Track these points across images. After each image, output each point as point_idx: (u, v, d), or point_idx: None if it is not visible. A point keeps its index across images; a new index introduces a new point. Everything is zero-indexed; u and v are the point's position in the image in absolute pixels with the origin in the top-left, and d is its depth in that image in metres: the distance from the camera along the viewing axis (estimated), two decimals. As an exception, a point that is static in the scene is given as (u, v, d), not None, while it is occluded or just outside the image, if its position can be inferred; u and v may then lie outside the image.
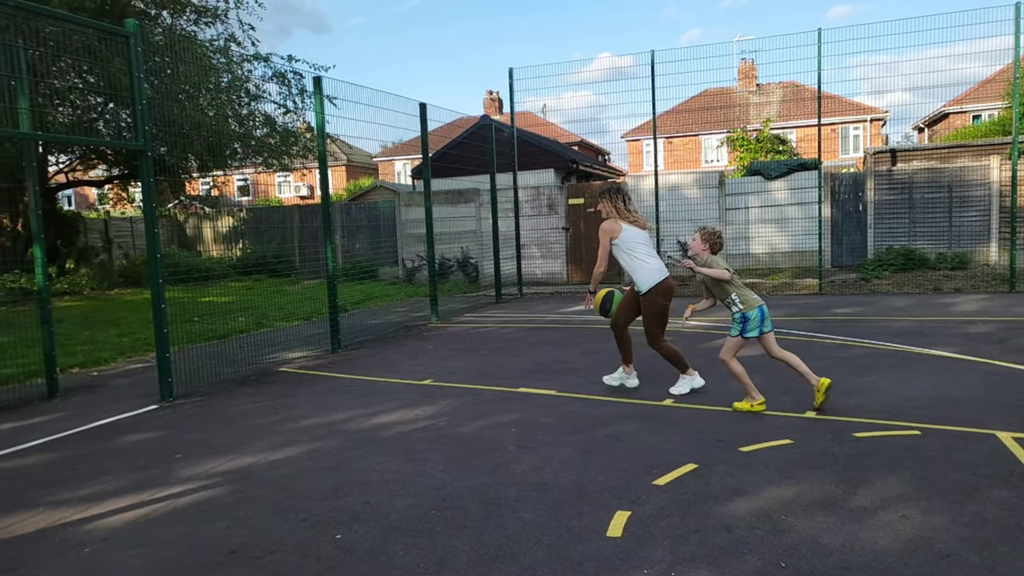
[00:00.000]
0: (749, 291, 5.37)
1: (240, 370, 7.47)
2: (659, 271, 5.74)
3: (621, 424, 5.06)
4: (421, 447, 4.71)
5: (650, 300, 5.74)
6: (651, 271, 5.71)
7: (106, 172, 19.37)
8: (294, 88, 16.04)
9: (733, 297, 5.30)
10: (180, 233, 22.34)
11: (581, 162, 17.85)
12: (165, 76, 13.21)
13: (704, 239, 5.43)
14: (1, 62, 6.55)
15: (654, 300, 5.72)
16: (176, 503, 3.90)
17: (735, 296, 5.30)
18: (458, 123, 18.27)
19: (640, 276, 5.74)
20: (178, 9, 15.58)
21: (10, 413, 6.13)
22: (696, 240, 5.46)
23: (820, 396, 5.13)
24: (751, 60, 31.35)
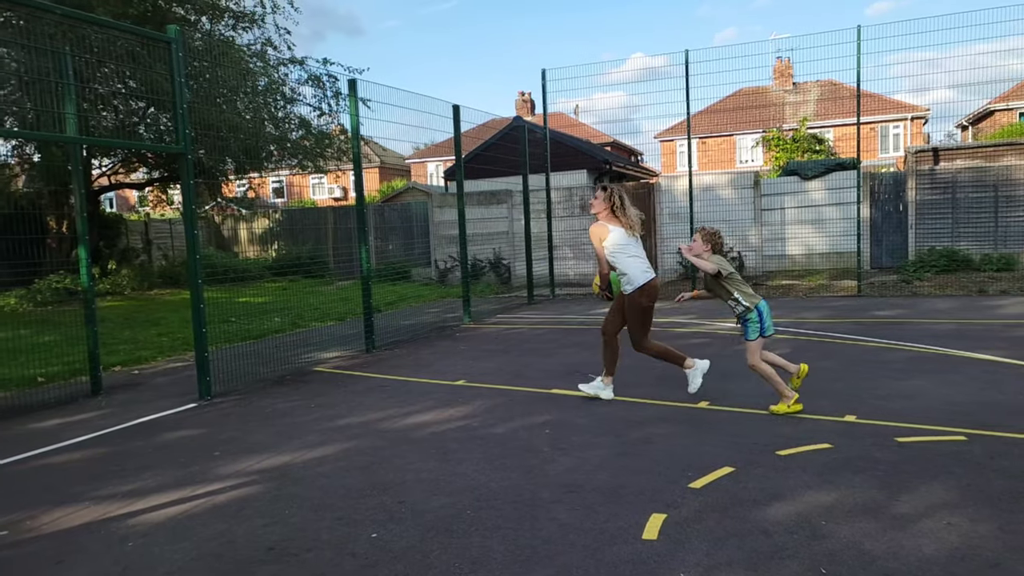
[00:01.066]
0: (750, 288, 5.37)
1: (276, 369, 7.57)
2: (644, 272, 5.66)
3: (654, 426, 5.02)
4: (455, 447, 4.72)
5: (633, 300, 5.69)
6: (636, 272, 5.64)
7: (146, 175, 19.79)
8: (328, 91, 16.23)
9: (736, 296, 5.29)
10: (217, 235, 22.75)
11: (614, 163, 17.77)
12: (204, 80, 13.47)
13: (705, 239, 5.41)
14: (49, 68, 6.75)
15: (637, 300, 5.67)
16: (215, 500, 3.96)
17: (737, 295, 5.29)
18: (490, 124, 18.31)
19: (625, 277, 5.69)
20: (217, 15, 15.86)
21: (57, 409, 6.29)
22: (697, 240, 5.45)
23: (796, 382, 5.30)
24: (787, 58, 30.92)
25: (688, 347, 8.02)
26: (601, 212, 5.79)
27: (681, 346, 8.02)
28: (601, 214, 5.79)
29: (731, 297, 5.29)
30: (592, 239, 5.75)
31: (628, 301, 5.71)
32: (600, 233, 5.68)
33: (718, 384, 6.09)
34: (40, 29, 7.49)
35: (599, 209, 5.80)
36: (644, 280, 5.63)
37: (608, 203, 5.74)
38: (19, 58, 8.56)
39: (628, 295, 5.69)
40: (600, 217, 5.79)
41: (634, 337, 5.76)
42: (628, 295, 5.69)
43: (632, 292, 5.65)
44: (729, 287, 5.29)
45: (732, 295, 5.28)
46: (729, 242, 14.70)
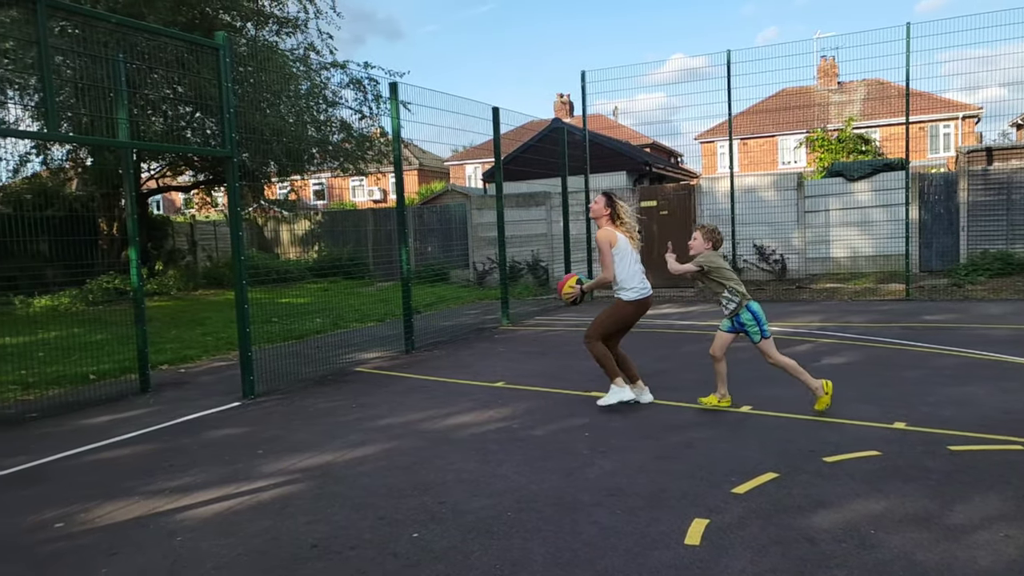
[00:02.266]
0: (741, 284, 5.38)
1: (318, 369, 7.67)
2: (643, 285, 5.65)
3: (695, 430, 4.96)
4: (495, 448, 4.73)
5: (623, 307, 5.62)
6: (637, 283, 5.60)
7: (192, 178, 20.25)
8: (369, 94, 16.41)
9: (726, 294, 5.28)
10: (259, 236, 23.15)
11: (654, 164, 17.63)
12: (248, 85, 13.74)
13: (706, 237, 5.41)
14: (103, 75, 6.95)
15: (626, 308, 5.61)
16: (260, 497, 4.03)
17: (728, 293, 5.28)
18: (528, 126, 18.33)
19: (627, 286, 5.60)
20: (262, 21, 16.16)
21: (108, 406, 6.47)
22: (697, 238, 5.43)
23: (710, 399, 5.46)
24: (831, 57, 30.30)
25: (731, 351, 7.89)
26: (602, 218, 5.70)
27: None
28: (602, 220, 5.70)
29: (721, 293, 5.29)
30: (601, 243, 5.62)
31: (618, 305, 5.63)
32: (611, 238, 5.59)
33: (760, 389, 6.00)
34: (94, 37, 7.71)
35: (599, 215, 5.70)
36: (642, 295, 5.61)
37: (608, 209, 5.66)
38: (74, 65, 8.83)
39: (620, 301, 5.62)
40: (601, 224, 5.70)
41: (596, 330, 5.65)
42: (620, 301, 5.62)
43: (625, 301, 5.59)
44: (719, 281, 5.29)
45: (722, 291, 5.29)
46: (771, 244, 14.48)
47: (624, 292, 5.59)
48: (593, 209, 5.76)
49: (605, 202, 5.69)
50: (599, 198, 5.75)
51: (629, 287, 5.57)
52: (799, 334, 8.69)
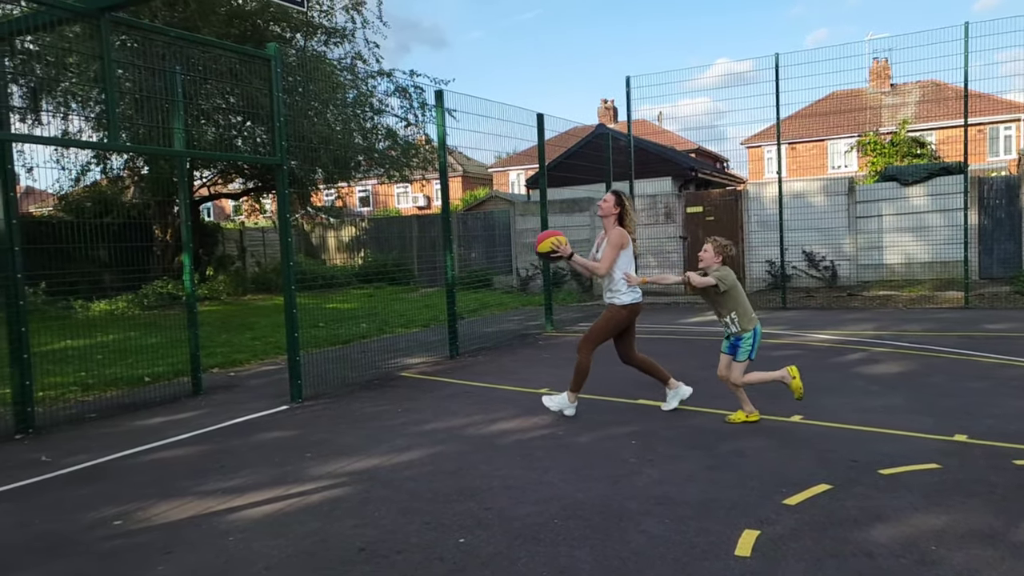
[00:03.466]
0: (751, 309, 5.28)
1: (363, 374, 7.76)
2: (638, 292, 5.61)
3: (745, 439, 4.86)
4: (540, 455, 4.71)
5: (617, 313, 5.54)
6: (634, 288, 5.55)
7: (242, 185, 20.72)
8: (415, 102, 16.59)
9: (732, 316, 5.19)
10: (306, 242, 23.56)
11: (699, 169, 17.42)
12: (297, 94, 14.02)
13: (717, 251, 5.28)
14: (159, 87, 7.16)
15: (620, 313, 5.54)
16: (308, 499, 4.08)
17: (735, 315, 5.19)
18: (572, 132, 18.27)
19: (624, 289, 5.53)
20: (310, 31, 16.49)
21: (162, 408, 6.64)
22: (708, 251, 5.31)
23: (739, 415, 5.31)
24: (884, 59, 29.56)
25: (777, 360, 7.76)
26: (610, 217, 5.61)
27: (770, 359, 7.78)
28: (610, 219, 5.62)
29: (728, 315, 5.20)
30: (614, 240, 5.53)
31: (611, 312, 5.56)
32: (624, 241, 5.54)
33: (811, 399, 5.85)
34: (152, 50, 7.96)
35: (607, 213, 5.60)
36: (636, 300, 5.56)
37: (617, 208, 5.58)
38: (132, 77, 9.12)
39: (614, 306, 5.54)
40: (608, 224, 5.62)
41: (592, 338, 5.61)
42: (614, 306, 5.54)
43: (619, 306, 5.52)
44: (728, 303, 5.19)
45: (729, 313, 5.19)
46: (821, 251, 14.16)
47: (620, 296, 5.53)
48: (602, 207, 5.67)
49: (615, 201, 5.60)
50: (608, 196, 5.67)
51: (625, 291, 5.53)
52: (851, 342, 8.47)
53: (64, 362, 8.20)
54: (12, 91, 9.02)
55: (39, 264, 11.20)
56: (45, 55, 10.79)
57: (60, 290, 12.27)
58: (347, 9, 16.66)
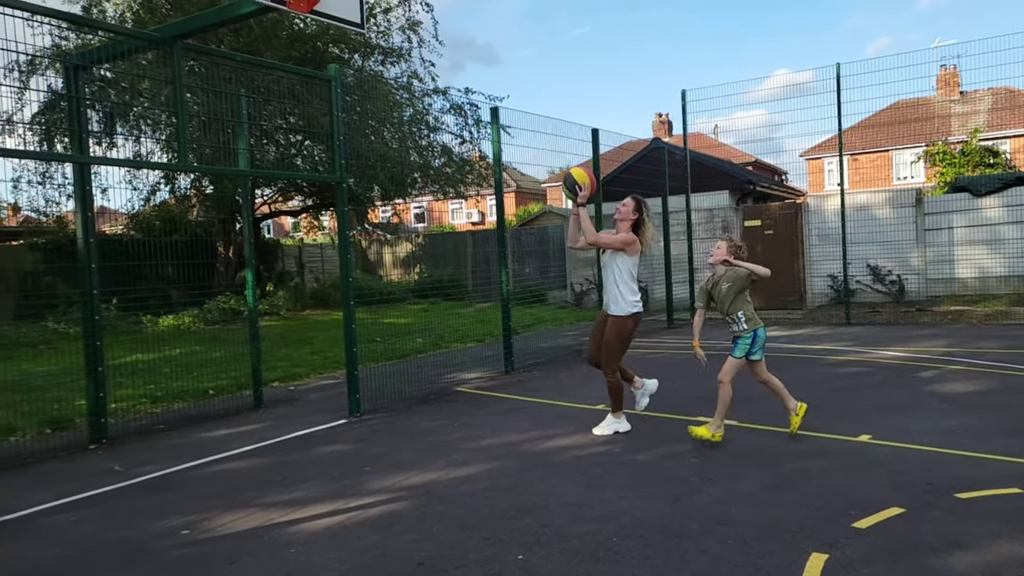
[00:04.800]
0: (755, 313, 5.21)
1: (420, 389, 7.81)
2: (639, 300, 5.57)
3: (810, 459, 4.71)
4: (598, 472, 4.65)
5: (624, 323, 5.46)
6: (636, 298, 5.51)
7: (301, 203, 21.23)
8: (470, 119, 16.76)
9: (740, 315, 5.10)
10: (363, 258, 23.98)
11: (758, 183, 17.11)
12: (355, 113, 14.33)
13: (730, 249, 5.21)
14: (225, 109, 7.41)
15: (627, 324, 5.47)
16: (367, 513, 4.11)
17: (742, 313, 5.09)
18: (627, 147, 18.16)
19: (628, 299, 5.45)
20: (368, 52, 16.86)
21: (225, 420, 6.81)
22: (720, 249, 5.22)
23: (796, 421, 5.21)
24: (953, 66, 28.57)
25: (843, 377, 7.52)
26: (625, 221, 5.49)
27: (835, 376, 7.55)
28: (624, 224, 5.49)
29: (736, 312, 5.12)
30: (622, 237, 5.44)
31: (619, 323, 5.47)
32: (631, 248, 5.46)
33: (879, 418, 5.65)
34: (218, 74, 8.26)
35: (624, 217, 5.50)
36: (638, 309, 5.52)
37: (635, 215, 5.48)
38: (199, 100, 9.46)
39: (619, 318, 5.46)
40: (622, 228, 5.50)
41: (614, 357, 5.54)
42: (619, 318, 5.46)
43: (624, 316, 5.45)
44: (739, 302, 5.13)
45: (736, 312, 5.11)
46: (887, 265, 13.70)
47: (627, 305, 5.47)
48: (620, 211, 5.58)
49: (634, 207, 5.52)
50: (629, 201, 5.58)
51: (633, 299, 5.49)
52: (922, 360, 8.14)
53: (134, 375, 8.50)
54: (90, 116, 9.46)
55: (112, 280, 11.68)
56: (120, 82, 11.30)
57: (131, 305, 12.76)
58: (403, 29, 16.98)
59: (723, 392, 5.14)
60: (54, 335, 11.90)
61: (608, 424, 5.62)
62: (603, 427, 5.62)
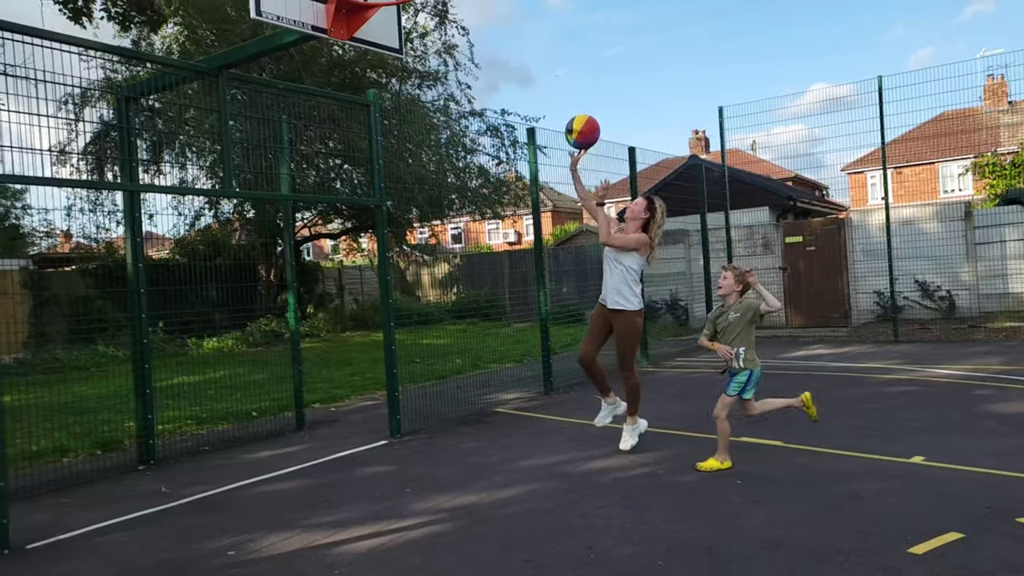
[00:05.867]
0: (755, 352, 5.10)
1: (459, 410, 7.81)
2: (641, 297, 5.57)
3: (862, 481, 4.57)
4: (640, 494, 4.58)
5: (634, 319, 5.41)
6: (639, 295, 5.47)
7: (341, 225, 21.55)
8: (506, 140, 16.89)
9: (740, 350, 4.95)
10: (401, 279, 24.19)
11: (799, 198, 16.87)
12: (393, 136, 14.55)
13: (738, 279, 5.06)
14: (268, 135, 7.59)
15: (636, 319, 5.43)
16: (409, 535, 4.11)
17: (743, 350, 4.95)
18: (663, 164, 18.08)
19: (635, 295, 5.44)
20: (405, 76, 17.14)
21: (268, 442, 6.89)
22: (728, 278, 5.08)
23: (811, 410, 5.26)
24: (1000, 76, 27.89)
25: (892, 396, 7.32)
26: (637, 220, 5.40)
27: (884, 395, 7.34)
28: (634, 223, 5.40)
29: (738, 347, 4.97)
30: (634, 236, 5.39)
31: (628, 321, 5.42)
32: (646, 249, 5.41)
33: (932, 439, 5.47)
34: (260, 101, 8.47)
35: (635, 216, 5.42)
36: (643, 305, 5.55)
37: (647, 214, 5.39)
38: (242, 127, 9.71)
39: (627, 314, 5.40)
40: (632, 227, 5.42)
41: (629, 357, 5.50)
42: (627, 314, 5.40)
43: (632, 311, 5.40)
44: (743, 336, 4.98)
45: (740, 347, 4.97)
46: (936, 280, 13.34)
47: (635, 301, 5.45)
48: (632, 209, 5.50)
49: (645, 206, 5.45)
50: (640, 200, 5.52)
51: (638, 296, 5.47)
52: (977, 378, 7.88)
53: (180, 397, 8.66)
54: (139, 145, 9.77)
55: (158, 304, 11.98)
56: (167, 111, 11.67)
57: (176, 328, 13.05)
58: (439, 53, 17.25)
59: (721, 427, 5.04)
60: (104, 358, 12.22)
61: (631, 433, 5.55)
62: (627, 439, 5.54)
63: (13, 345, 11.27)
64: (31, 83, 4.96)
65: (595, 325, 5.68)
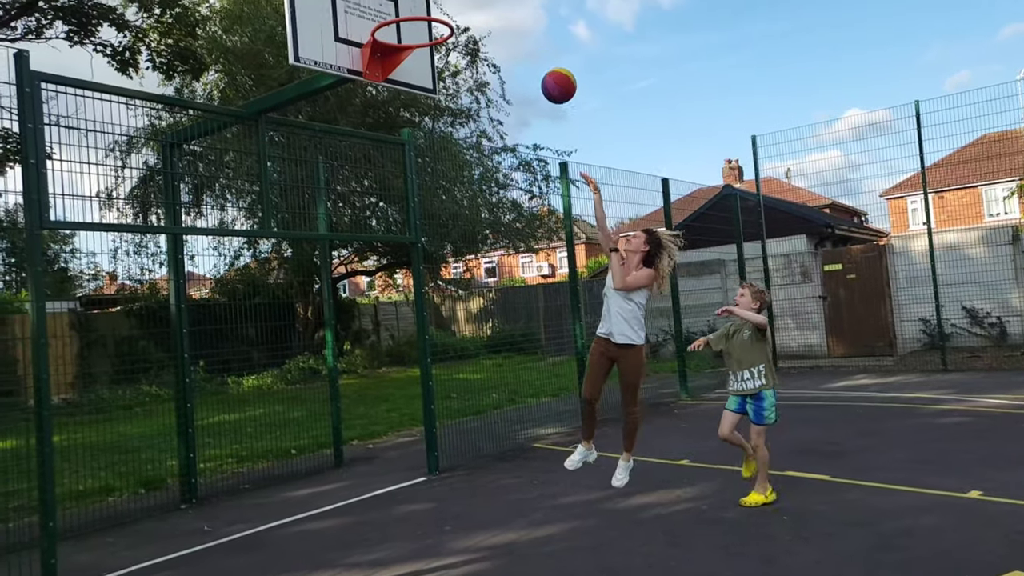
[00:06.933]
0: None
1: (497, 446, 7.75)
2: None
3: (914, 517, 4.40)
4: (684, 531, 4.47)
5: (640, 353, 5.15)
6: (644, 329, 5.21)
7: (376, 262, 21.79)
8: (539, 174, 16.99)
9: (760, 368, 4.80)
10: (436, 314, 24.29)
11: (837, 226, 16.62)
12: (426, 174, 14.74)
13: (754, 296, 4.94)
14: (305, 176, 7.75)
15: (642, 353, 5.18)
16: (449, 574, 4.06)
17: (762, 368, 4.80)
18: (696, 194, 18.00)
19: (642, 328, 5.19)
20: (437, 114, 17.42)
21: (307, 479, 6.90)
22: (744, 295, 4.95)
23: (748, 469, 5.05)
24: (1041, 94, 27.32)
25: (948, 427, 7.08)
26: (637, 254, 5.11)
27: (935, 427, 7.11)
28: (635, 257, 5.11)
29: (755, 366, 4.82)
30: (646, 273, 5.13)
31: (637, 355, 5.13)
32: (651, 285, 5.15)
33: (992, 472, 5.26)
34: (297, 143, 8.67)
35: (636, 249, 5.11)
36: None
37: (647, 247, 5.08)
38: (280, 169, 9.94)
39: (637, 348, 5.13)
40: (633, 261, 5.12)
41: (637, 391, 5.24)
42: (637, 348, 5.13)
43: (640, 346, 5.16)
44: (759, 354, 4.85)
45: (756, 365, 4.82)
46: (985, 306, 12.96)
47: (642, 335, 5.20)
48: (632, 243, 5.20)
49: (645, 239, 5.12)
50: (639, 233, 5.21)
51: (644, 328, 5.25)
52: (1030, 407, 7.59)
53: (220, 435, 8.75)
54: (180, 188, 10.06)
55: (199, 343, 12.18)
56: (207, 154, 12.01)
57: (216, 367, 13.25)
58: (471, 91, 17.50)
59: (762, 456, 4.91)
60: (148, 397, 12.44)
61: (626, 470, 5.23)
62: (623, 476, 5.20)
63: (62, 386, 11.55)
64: (81, 133, 5.15)
65: (598, 362, 5.43)
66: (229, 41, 15.40)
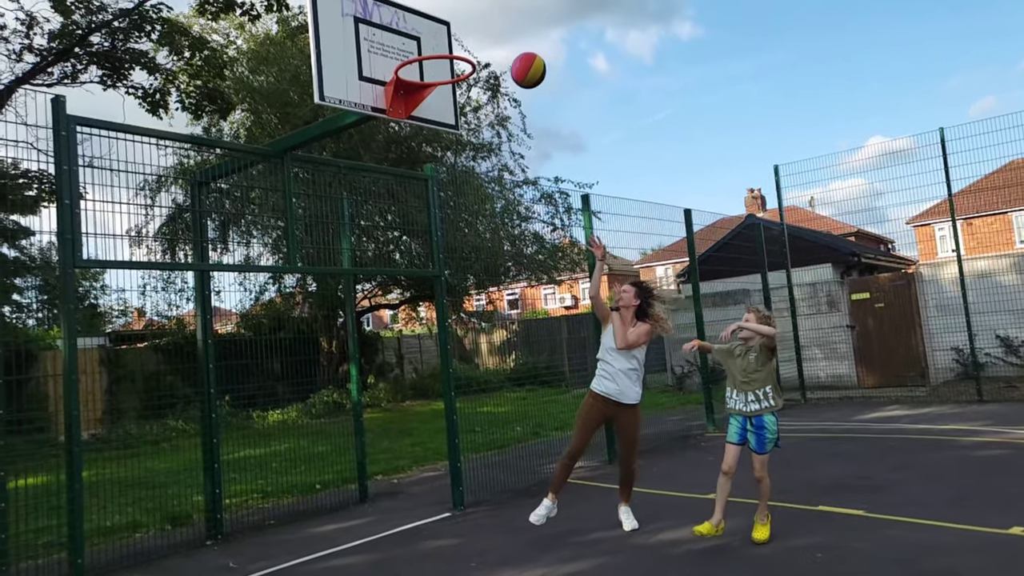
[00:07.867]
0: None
1: (522, 480, 7.66)
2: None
3: (955, 555, 4.26)
4: (714, 569, 4.37)
5: (640, 410, 5.15)
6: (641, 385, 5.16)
7: (400, 295, 21.89)
8: (560, 207, 17.05)
9: (767, 390, 4.75)
10: (460, 347, 24.26)
11: (863, 254, 16.43)
12: (449, 208, 14.86)
13: (760, 320, 4.90)
14: (329, 211, 7.84)
15: (639, 410, 5.14)
16: (476, 613, 3.98)
17: (769, 390, 4.75)
18: (719, 224, 17.93)
19: (639, 386, 5.14)
20: (459, 149, 17.62)
21: (332, 515, 6.86)
22: (750, 319, 4.90)
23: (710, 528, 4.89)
24: (1069, 120, 26.98)
25: (987, 460, 6.88)
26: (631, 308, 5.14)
27: (973, 459, 6.92)
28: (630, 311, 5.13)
29: (763, 387, 4.78)
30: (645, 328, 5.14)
31: (637, 413, 5.16)
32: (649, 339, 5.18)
33: (1033, 505, 5.09)
34: (322, 179, 8.80)
35: (628, 304, 5.15)
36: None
37: (637, 300, 5.13)
38: (304, 205, 10.09)
39: (637, 408, 5.13)
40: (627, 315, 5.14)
41: (639, 446, 5.30)
42: (637, 408, 5.13)
43: (639, 404, 5.13)
44: (768, 376, 4.80)
45: (763, 387, 4.79)
46: (1020, 335, 12.67)
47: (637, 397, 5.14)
48: (623, 298, 5.25)
49: (635, 293, 5.19)
50: (628, 287, 5.28)
51: (639, 390, 5.19)
52: (1071, 438, 7.37)
53: (245, 470, 8.75)
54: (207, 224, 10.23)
55: (224, 378, 12.26)
56: (233, 191, 12.22)
57: (241, 401, 13.31)
58: (493, 125, 17.72)
59: (767, 485, 4.93)
60: (175, 432, 12.51)
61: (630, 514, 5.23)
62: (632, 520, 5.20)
63: (91, 421, 11.66)
64: (113, 173, 5.27)
65: (593, 420, 5.32)
66: (255, 81, 15.77)
